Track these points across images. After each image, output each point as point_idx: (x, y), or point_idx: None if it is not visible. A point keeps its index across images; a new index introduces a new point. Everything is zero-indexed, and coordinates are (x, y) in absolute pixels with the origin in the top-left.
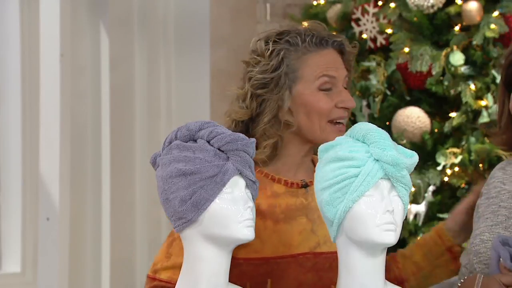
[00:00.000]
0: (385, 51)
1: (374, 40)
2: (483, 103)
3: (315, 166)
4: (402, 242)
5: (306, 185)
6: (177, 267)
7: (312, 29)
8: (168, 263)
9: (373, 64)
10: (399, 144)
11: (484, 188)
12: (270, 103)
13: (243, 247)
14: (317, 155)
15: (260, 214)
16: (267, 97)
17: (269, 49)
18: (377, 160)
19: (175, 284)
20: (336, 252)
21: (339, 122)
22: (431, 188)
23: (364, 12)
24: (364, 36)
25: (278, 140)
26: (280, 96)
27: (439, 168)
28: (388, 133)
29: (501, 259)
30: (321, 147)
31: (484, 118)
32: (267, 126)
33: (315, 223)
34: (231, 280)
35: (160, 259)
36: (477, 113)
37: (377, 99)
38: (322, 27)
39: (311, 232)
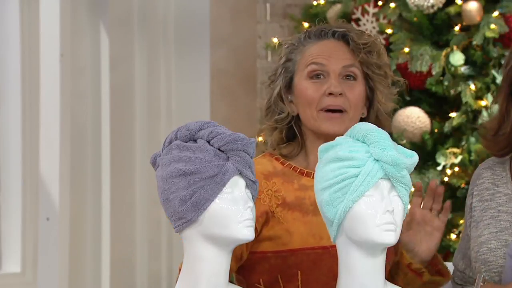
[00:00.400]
0: (385, 51)
1: None
2: (483, 103)
3: None
4: None
5: None
6: None
7: (324, 25)
8: None
9: None
10: (399, 144)
11: (472, 188)
12: (276, 96)
13: (270, 241)
14: None
15: (287, 206)
16: (271, 91)
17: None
18: (377, 160)
19: None
20: None
21: (333, 110)
22: None
23: (364, 12)
24: None
25: (297, 134)
26: (274, 86)
27: (439, 168)
28: (388, 133)
29: None
30: (321, 147)
31: (484, 118)
32: (277, 119)
33: None
34: (262, 275)
35: None
36: (477, 113)
37: None
38: (346, 24)
39: None
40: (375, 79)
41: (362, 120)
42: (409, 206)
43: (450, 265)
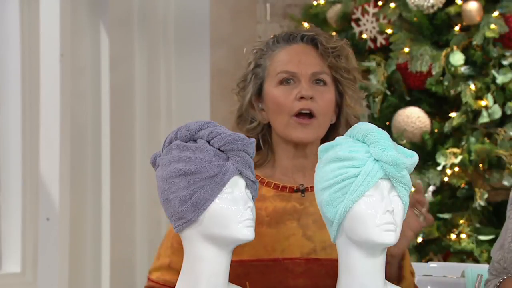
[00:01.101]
0: (385, 51)
1: (374, 40)
2: (483, 103)
3: None
4: None
5: (304, 190)
6: (164, 268)
7: (292, 29)
8: (157, 263)
9: (373, 64)
10: (399, 144)
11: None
12: (242, 102)
13: None
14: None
15: None
16: (241, 98)
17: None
18: (377, 160)
19: (163, 284)
20: (336, 260)
21: (303, 114)
22: (431, 188)
23: (364, 12)
24: (364, 36)
25: (267, 141)
26: (245, 94)
27: (439, 168)
28: (388, 133)
29: None
30: (321, 147)
31: (484, 118)
32: (253, 130)
33: (309, 229)
34: None
35: (155, 259)
36: (477, 113)
37: (377, 99)
38: (315, 28)
39: (303, 237)
40: (344, 83)
41: (331, 127)
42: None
43: (450, 265)
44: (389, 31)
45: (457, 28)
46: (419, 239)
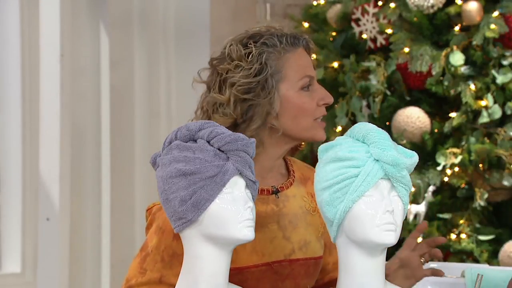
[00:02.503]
0: (385, 51)
1: (374, 40)
2: (483, 103)
3: (287, 166)
4: (402, 242)
5: (277, 191)
6: (153, 283)
7: (278, 29)
8: (143, 279)
9: (373, 64)
10: (399, 144)
11: None
12: (259, 108)
13: None
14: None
15: None
16: (256, 102)
17: (248, 53)
18: (377, 160)
19: None
20: (310, 258)
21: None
22: (431, 188)
23: (364, 12)
24: (364, 36)
25: (260, 146)
26: (268, 101)
27: (439, 168)
28: (388, 133)
29: None
30: (321, 147)
31: (484, 118)
32: (254, 134)
33: (287, 230)
34: None
35: (134, 275)
36: (477, 113)
37: (377, 99)
38: (281, 28)
39: (283, 239)
40: None
41: None
42: (409, 206)
43: (450, 265)
44: (389, 31)
45: (457, 28)
46: (419, 239)
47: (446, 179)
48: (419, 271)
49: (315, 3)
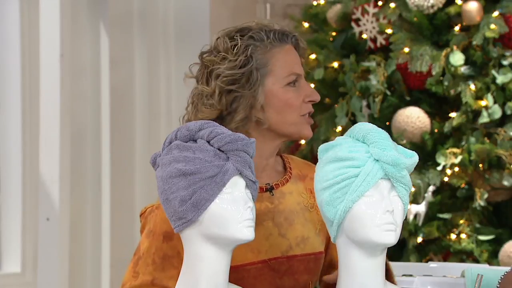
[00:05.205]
0: (385, 51)
1: (374, 40)
2: (483, 103)
3: (284, 163)
4: (402, 242)
5: (272, 189)
6: (145, 286)
7: (268, 25)
8: (136, 282)
9: (373, 64)
10: (399, 144)
11: None
12: (243, 100)
13: None
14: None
15: None
16: (240, 93)
17: (234, 45)
18: (377, 160)
19: None
20: (309, 254)
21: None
22: (431, 188)
23: (364, 12)
24: (364, 36)
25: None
26: (253, 93)
27: (439, 168)
28: (388, 133)
29: None
30: (321, 147)
31: (484, 118)
32: (239, 125)
33: (282, 227)
34: None
35: (128, 279)
36: (477, 113)
37: (377, 99)
38: (272, 24)
39: (279, 236)
40: None
41: None
42: (409, 206)
43: (450, 265)
44: (389, 31)
45: (457, 28)
46: (419, 239)
47: (446, 179)
48: None
49: (315, 3)
